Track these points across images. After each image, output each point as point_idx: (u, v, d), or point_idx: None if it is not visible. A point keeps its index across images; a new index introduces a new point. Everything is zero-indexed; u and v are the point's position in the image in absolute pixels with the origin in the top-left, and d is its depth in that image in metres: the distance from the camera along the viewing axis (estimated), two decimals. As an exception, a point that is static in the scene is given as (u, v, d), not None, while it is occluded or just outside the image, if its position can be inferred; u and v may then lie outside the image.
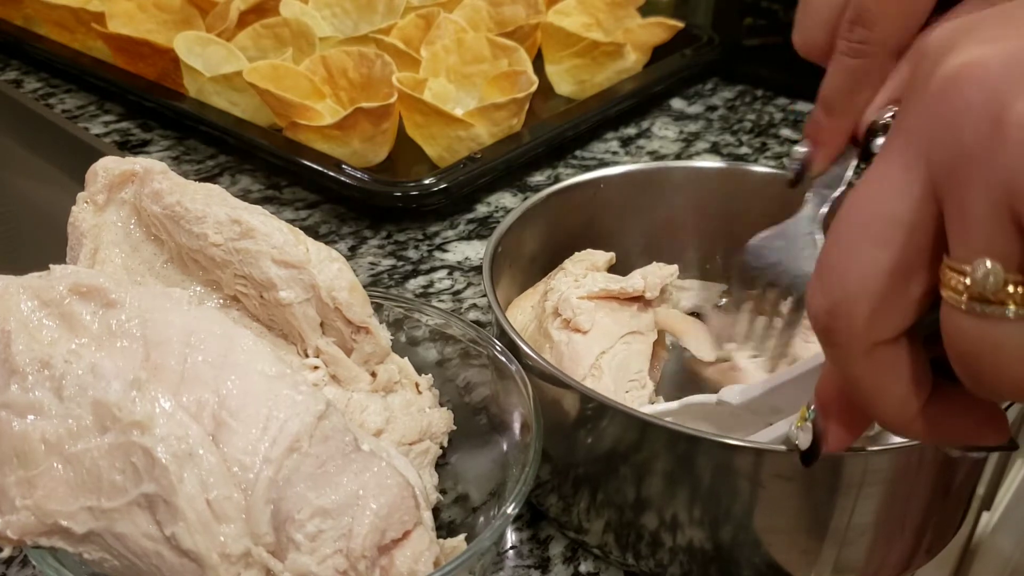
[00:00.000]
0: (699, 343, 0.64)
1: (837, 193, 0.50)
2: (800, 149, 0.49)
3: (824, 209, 0.51)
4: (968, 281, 0.28)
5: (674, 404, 0.55)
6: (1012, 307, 0.27)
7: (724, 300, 0.71)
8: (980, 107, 0.27)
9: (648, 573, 0.52)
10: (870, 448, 0.47)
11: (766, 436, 0.48)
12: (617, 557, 0.52)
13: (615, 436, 0.49)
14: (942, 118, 0.29)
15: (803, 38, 0.46)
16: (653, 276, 0.64)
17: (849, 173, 0.49)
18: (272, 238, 0.48)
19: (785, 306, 0.52)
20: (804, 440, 0.40)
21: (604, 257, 0.67)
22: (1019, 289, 0.27)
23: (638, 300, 0.64)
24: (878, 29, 0.43)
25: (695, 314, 0.71)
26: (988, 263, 0.27)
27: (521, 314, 0.64)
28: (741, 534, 0.48)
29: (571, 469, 0.52)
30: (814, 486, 0.47)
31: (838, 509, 0.47)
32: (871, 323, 0.31)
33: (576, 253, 0.67)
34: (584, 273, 0.64)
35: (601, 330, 0.61)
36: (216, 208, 0.48)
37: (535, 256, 0.67)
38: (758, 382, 0.50)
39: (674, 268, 0.66)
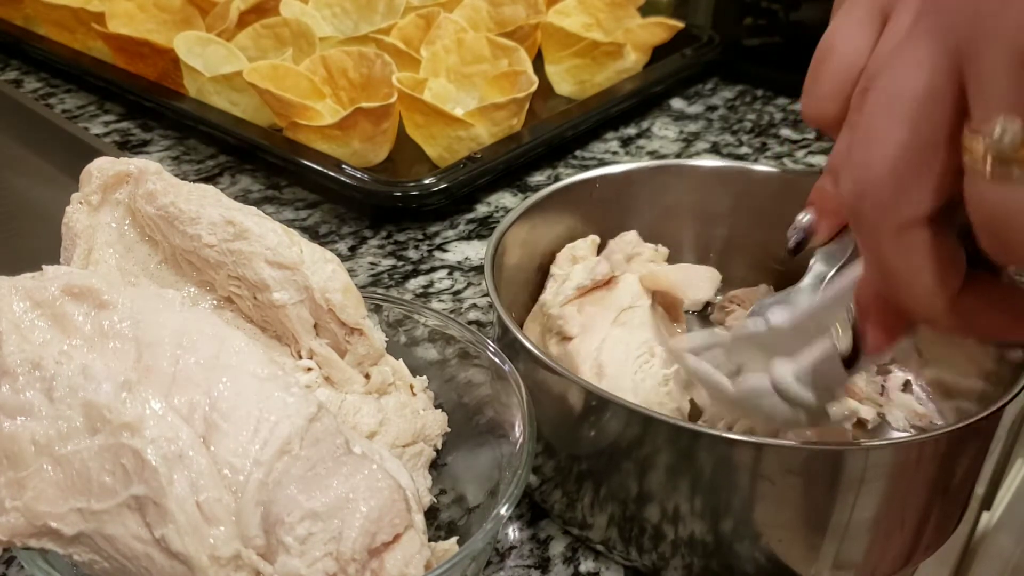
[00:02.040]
0: (691, 289, 0.64)
1: (842, 262, 0.49)
2: (803, 218, 0.48)
3: (831, 273, 0.50)
4: (988, 142, 0.27)
5: (726, 335, 0.52)
6: None
7: (720, 297, 0.71)
8: None
9: (651, 567, 0.52)
10: (871, 443, 0.48)
11: (813, 352, 0.45)
12: (620, 552, 0.52)
13: (615, 429, 0.49)
14: None
15: (813, 108, 0.45)
16: (614, 254, 0.64)
17: (853, 245, 0.48)
18: (266, 239, 0.48)
19: None
20: (844, 343, 0.39)
21: (585, 245, 0.67)
22: None
23: (615, 279, 0.64)
24: None
25: (703, 312, 0.71)
26: (1004, 120, 0.27)
27: (531, 335, 0.65)
28: (742, 528, 0.48)
29: (574, 464, 0.52)
30: (815, 481, 0.47)
31: (838, 504, 0.47)
32: (897, 201, 0.31)
33: (558, 254, 0.67)
34: (567, 274, 0.64)
35: (591, 326, 0.61)
36: (210, 209, 0.48)
37: (536, 255, 0.67)
38: (805, 300, 0.48)
39: (632, 234, 0.66)
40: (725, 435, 0.46)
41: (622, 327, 0.61)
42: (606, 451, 0.50)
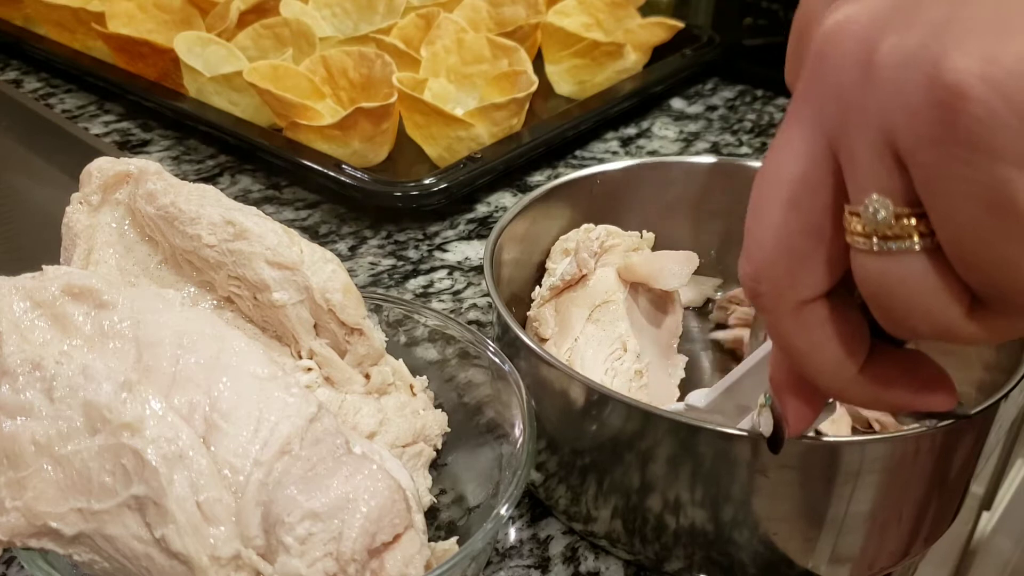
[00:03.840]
0: (665, 278, 0.64)
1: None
2: None
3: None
4: (863, 221, 0.29)
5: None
6: (915, 240, 0.28)
7: (719, 294, 0.71)
8: (853, 56, 0.29)
9: (654, 559, 0.52)
10: (867, 437, 0.48)
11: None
12: (624, 545, 0.52)
13: (616, 424, 0.49)
14: (824, 75, 0.30)
15: (793, 80, 0.46)
16: (580, 252, 0.64)
17: None
18: (266, 239, 0.48)
19: None
20: (766, 425, 0.40)
21: (574, 236, 0.67)
22: (911, 220, 0.28)
23: (588, 275, 0.64)
24: None
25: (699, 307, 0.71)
26: (876, 196, 0.28)
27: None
28: (741, 521, 0.49)
29: (577, 460, 0.52)
30: (812, 474, 0.47)
31: (835, 497, 0.48)
32: (792, 282, 0.32)
33: (552, 247, 0.67)
34: (555, 269, 0.64)
35: (565, 325, 0.62)
36: (210, 209, 0.48)
37: (536, 252, 0.67)
38: (720, 381, 0.50)
39: (600, 229, 0.66)
40: (723, 429, 0.46)
41: (595, 324, 0.61)
42: (608, 446, 0.50)
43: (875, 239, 0.29)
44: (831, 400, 0.40)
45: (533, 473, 0.55)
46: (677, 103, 1.09)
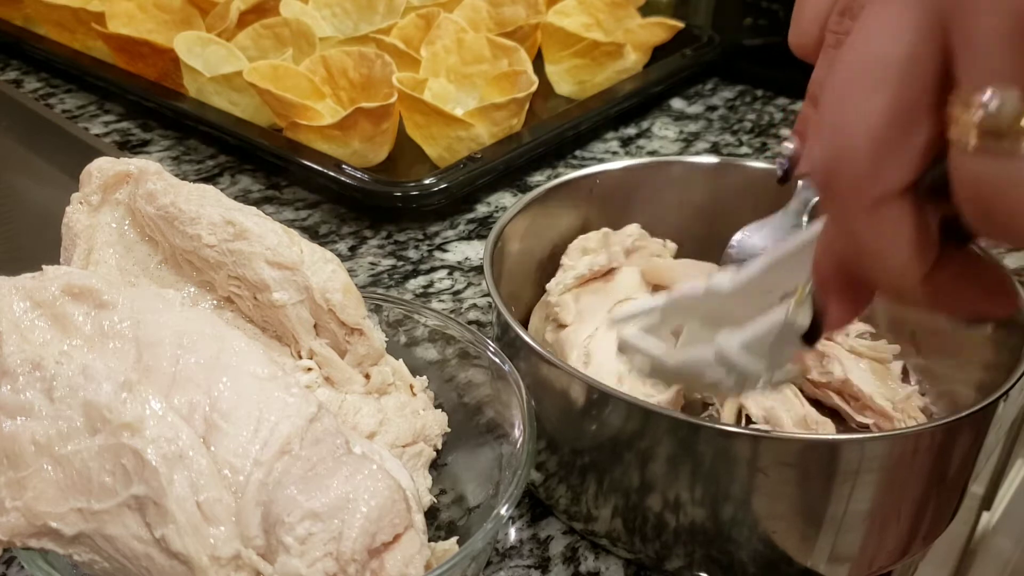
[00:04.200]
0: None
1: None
2: (789, 145, 0.47)
3: (814, 200, 0.49)
4: (980, 114, 0.26)
5: (659, 299, 0.48)
6: None
7: None
8: None
9: (654, 558, 0.52)
10: (866, 435, 0.48)
11: (764, 323, 0.41)
12: (624, 544, 0.52)
13: (616, 423, 0.49)
14: None
15: (797, 37, 0.44)
16: (613, 246, 0.64)
17: None
18: (266, 239, 0.48)
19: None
20: (803, 319, 0.37)
21: (596, 237, 0.67)
22: None
23: (615, 271, 0.65)
24: None
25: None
26: (1003, 93, 0.25)
27: (535, 327, 0.66)
28: (740, 519, 0.49)
29: (577, 459, 0.53)
30: (811, 473, 0.47)
31: (834, 496, 0.48)
32: (874, 173, 0.29)
33: (569, 245, 0.67)
34: (574, 265, 0.65)
35: (586, 315, 0.62)
36: (210, 209, 0.48)
37: (534, 251, 0.67)
38: (750, 264, 0.44)
39: (633, 227, 0.66)
40: (723, 427, 0.46)
41: None
42: (608, 444, 0.50)
43: (988, 136, 0.26)
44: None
45: (533, 473, 0.55)
46: (677, 103, 1.09)
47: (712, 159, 0.74)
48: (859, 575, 0.52)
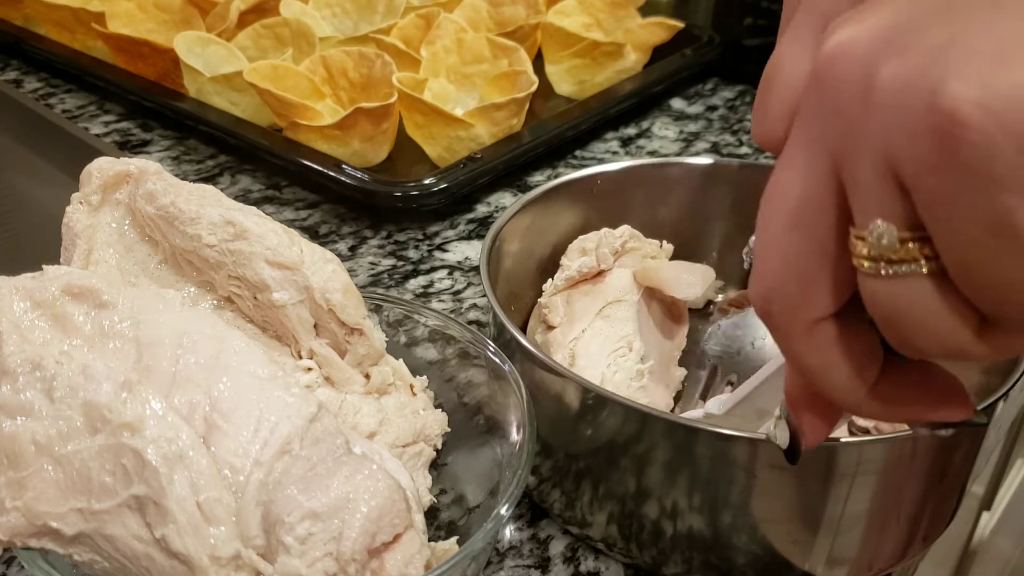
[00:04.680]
0: (682, 287, 0.65)
1: None
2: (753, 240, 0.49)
3: None
4: (869, 244, 0.29)
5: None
6: (921, 263, 0.28)
7: (721, 297, 0.71)
8: (853, 79, 0.28)
9: (651, 564, 0.52)
10: (864, 438, 0.48)
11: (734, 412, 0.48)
12: (621, 549, 0.52)
13: (612, 426, 0.49)
14: (825, 97, 0.30)
15: (762, 131, 0.46)
16: (601, 248, 0.64)
17: None
18: (266, 239, 0.48)
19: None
20: (783, 438, 0.40)
21: (595, 237, 0.67)
22: (916, 244, 0.28)
23: (605, 272, 0.65)
24: None
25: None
26: (880, 223, 0.28)
27: (530, 328, 0.66)
28: (738, 523, 0.49)
29: (572, 463, 0.52)
30: (808, 476, 0.47)
31: (832, 498, 0.48)
32: (803, 303, 0.32)
33: (569, 245, 0.67)
34: (569, 266, 0.65)
35: (574, 316, 0.62)
36: (210, 209, 0.48)
37: (533, 252, 0.67)
38: (738, 389, 0.50)
39: (624, 228, 0.67)
40: (720, 430, 0.46)
41: (605, 320, 0.62)
42: (603, 448, 0.50)
43: (881, 263, 0.29)
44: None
45: (529, 476, 0.55)
46: (677, 103, 1.09)
47: (713, 160, 0.74)
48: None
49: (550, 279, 0.66)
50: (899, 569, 0.54)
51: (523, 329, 0.65)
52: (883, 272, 0.29)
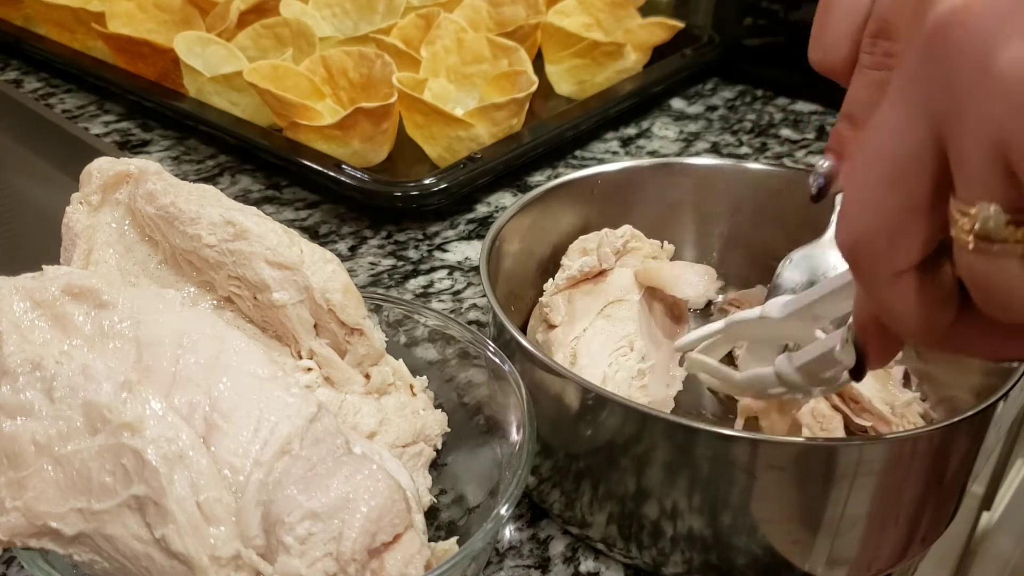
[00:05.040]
0: (683, 286, 0.65)
1: None
2: (824, 163, 0.49)
3: None
4: (972, 223, 0.29)
5: (719, 324, 0.55)
6: (1018, 248, 0.28)
7: (721, 297, 0.71)
8: (968, 53, 0.28)
9: (651, 564, 0.52)
10: (864, 438, 0.48)
11: (815, 348, 0.48)
12: (621, 550, 0.52)
13: (612, 427, 0.49)
14: (935, 64, 0.29)
15: (823, 54, 0.46)
16: (602, 248, 0.65)
17: None
18: (266, 239, 0.48)
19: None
20: (849, 359, 0.41)
21: (595, 237, 0.67)
22: (1020, 229, 0.28)
23: (607, 272, 0.65)
24: (902, 41, 0.42)
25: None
26: (990, 207, 0.28)
27: (531, 328, 0.66)
28: (738, 523, 0.49)
29: (572, 463, 0.52)
30: (808, 476, 0.47)
31: (832, 499, 0.48)
32: (890, 255, 0.33)
33: (570, 245, 0.67)
34: (570, 265, 0.65)
35: (576, 315, 0.62)
36: (210, 209, 0.48)
37: (534, 252, 0.67)
38: (800, 295, 0.50)
39: (625, 228, 0.67)
40: (721, 431, 0.46)
41: (606, 319, 0.62)
42: (603, 449, 0.50)
43: (982, 241, 0.29)
44: None
45: (529, 476, 0.55)
46: (677, 103, 1.09)
47: (713, 160, 0.74)
48: None
49: (551, 279, 0.66)
50: (899, 569, 0.54)
51: (523, 329, 0.65)
52: (983, 248, 0.29)
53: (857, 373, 0.42)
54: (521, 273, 0.66)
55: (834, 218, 0.53)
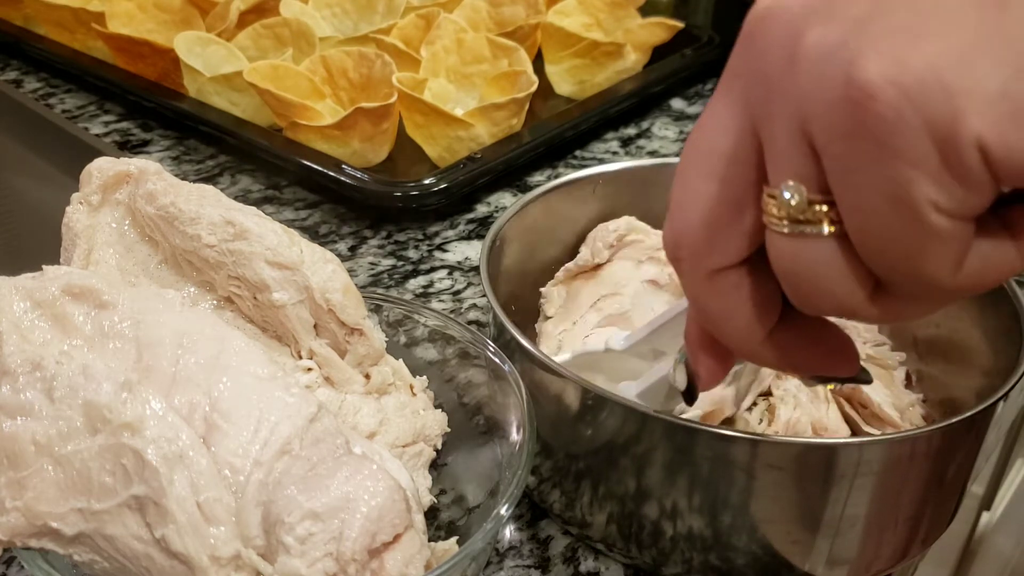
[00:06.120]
0: None
1: None
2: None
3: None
4: (780, 203, 0.30)
5: (567, 355, 0.56)
6: (824, 225, 0.30)
7: None
8: (780, 43, 0.30)
9: (651, 564, 0.52)
10: (864, 438, 0.48)
11: (650, 377, 0.49)
12: (621, 549, 0.52)
13: (612, 427, 0.49)
14: (752, 56, 0.31)
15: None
16: (596, 241, 0.65)
17: None
18: (266, 239, 0.48)
19: None
20: (680, 380, 0.42)
21: (602, 229, 0.67)
22: (823, 208, 0.29)
23: (603, 265, 0.65)
24: None
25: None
26: (791, 183, 0.30)
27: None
28: (738, 524, 0.49)
29: (572, 464, 0.52)
30: (808, 476, 0.47)
31: (832, 499, 0.48)
32: (708, 250, 0.34)
33: (589, 234, 0.68)
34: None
35: (570, 308, 0.63)
36: (210, 209, 0.48)
37: (534, 252, 0.67)
38: (641, 327, 0.52)
39: (623, 220, 0.67)
40: (720, 431, 0.47)
41: (598, 312, 0.63)
42: (603, 449, 0.50)
43: (788, 222, 0.30)
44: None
45: (529, 476, 0.55)
46: (677, 103, 1.09)
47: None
48: (858, 576, 0.52)
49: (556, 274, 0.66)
50: (899, 568, 0.54)
51: (525, 328, 0.65)
52: (789, 230, 0.30)
53: (689, 396, 0.43)
54: (521, 273, 0.66)
55: None
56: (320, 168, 0.82)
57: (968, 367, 0.57)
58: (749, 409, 0.62)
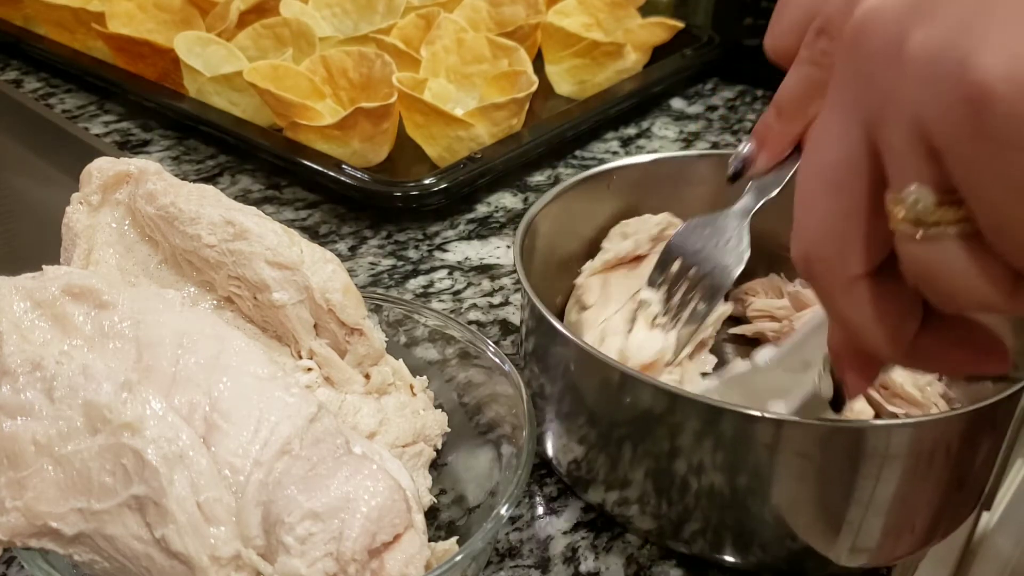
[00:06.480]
0: None
1: (774, 194, 0.53)
2: (743, 148, 0.51)
3: (757, 206, 0.53)
4: (905, 208, 0.30)
5: (715, 382, 0.56)
6: (954, 225, 0.29)
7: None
8: (884, 48, 0.29)
9: (674, 522, 0.52)
10: (891, 421, 0.48)
11: (798, 395, 0.49)
12: (652, 507, 0.52)
13: (646, 406, 0.49)
14: (858, 64, 0.31)
15: (772, 42, 0.47)
16: (639, 233, 0.65)
17: (789, 176, 0.51)
18: (266, 239, 0.48)
19: (698, 294, 0.55)
20: (827, 389, 0.41)
21: (635, 223, 0.68)
22: (951, 208, 0.29)
23: (643, 257, 0.66)
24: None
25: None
26: (916, 187, 0.29)
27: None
28: (763, 503, 0.49)
29: (614, 430, 0.52)
30: (836, 458, 0.47)
31: (859, 483, 0.48)
32: (840, 262, 0.33)
33: (611, 229, 0.68)
34: (609, 249, 0.66)
35: (610, 298, 0.63)
36: (210, 209, 0.48)
37: (563, 240, 0.67)
38: (784, 343, 0.52)
39: (664, 215, 0.67)
40: (747, 411, 0.46)
41: (636, 303, 0.62)
42: (639, 426, 0.50)
43: (916, 225, 0.29)
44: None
45: (573, 448, 0.54)
46: (677, 103, 1.09)
47: (723, 152, 0.73)
48: (879, 562, 0.52)
49: (589, 261, 0.66)
50: (899, 567, 0.54)
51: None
52: (919, 235, 0.30)
53: (836, 404, 0.42)
54: (549, 261, 0.66)
55: (746, 191, 0.54)
56: (320, 168, 0.82)
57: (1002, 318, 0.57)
58: (690, 357, 0.64)
